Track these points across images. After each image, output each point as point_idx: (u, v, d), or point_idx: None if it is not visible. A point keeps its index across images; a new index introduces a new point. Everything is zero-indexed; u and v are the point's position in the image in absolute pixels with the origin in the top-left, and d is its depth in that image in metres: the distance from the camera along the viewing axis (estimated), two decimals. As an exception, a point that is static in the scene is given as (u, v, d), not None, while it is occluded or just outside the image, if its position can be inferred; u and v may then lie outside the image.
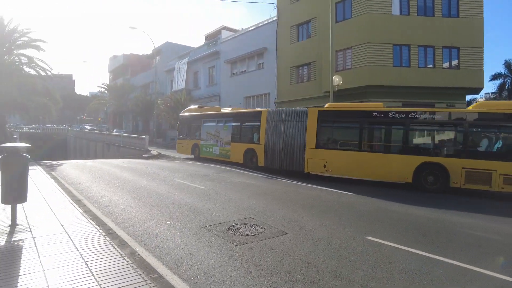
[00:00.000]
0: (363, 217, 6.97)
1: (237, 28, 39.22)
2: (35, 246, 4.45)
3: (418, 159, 10.77)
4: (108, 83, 54.35)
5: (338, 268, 4.29)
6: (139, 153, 21.96)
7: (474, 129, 10.55)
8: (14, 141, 18.74)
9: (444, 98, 18.27)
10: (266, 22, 26.16)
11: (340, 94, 18.13)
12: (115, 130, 41.28)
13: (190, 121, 19.51)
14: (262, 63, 26.18)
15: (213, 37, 36.47)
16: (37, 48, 20.76)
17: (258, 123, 14.84)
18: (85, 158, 27.93)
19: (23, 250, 4.30)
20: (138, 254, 4.34)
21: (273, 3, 25.12)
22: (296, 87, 22.78)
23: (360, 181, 11.95)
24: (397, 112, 11.35)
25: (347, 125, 12.81)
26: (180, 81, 36.23)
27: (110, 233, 5.14)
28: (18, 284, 3.39)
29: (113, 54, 70.18)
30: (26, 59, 20.82)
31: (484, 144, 10.41)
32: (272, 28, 24.98)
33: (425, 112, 11.09)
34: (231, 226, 5.91)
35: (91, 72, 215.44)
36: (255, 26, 27.41)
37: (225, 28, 37.12)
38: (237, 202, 7.98)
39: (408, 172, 10.87)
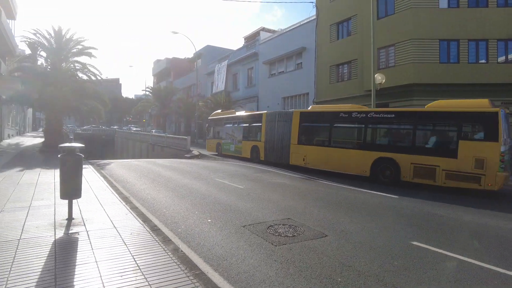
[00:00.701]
0: (407, 221, 6.67)
1: (275, 29, 39.27)
2: (89, 239, 4.78)
3: (375, 155, 11.87)
4: (152, 86, 56.79)
5: (380, 272, 4.15)
6: (181, 153, 22.73)
7: (422, 127, 11.35)
8: (70, 142, 20.22)
9: (499, 96, 16.91)
10: (305, 21, 25.90)
11: (383, 93, 17.49)
12: (154, 130, 43.09)
13: (215, 124, 22.56)
14: (301, 63, 25.95)
15: (251, 39, 36.81)
16: (89, 55, 22.22)
17: (260, 124, 17.41)
18: (131, 158, 29.45)
19: (78, 242, 4.64)
20: (181, 251, 4.51)
21: (312, 2, 24.84)
22: (336, 86, 22.31)
23: (402, 184, 11.42)
24: (358, 112, 12.72)
25: (321, 124, 14.39)
26: (220, 83, 36.99)
27: (154, 229, 5.39)
28: (76, 272, 3.67)
29: (157, 58, 73.43)
30: (79, 65, 22.35)
31: (430, 141, 11.02)
32: (311, 28, 24.69)
33: (381, 112, 12.32)
34: (270, 226, 5.94)
35: (136, 75, 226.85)
36: (294, 26, 27.25)
37: (263, 29, 37.31)
38: (275, 202, 7.99)
39: (366, 166, 12.03)
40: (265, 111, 18.18)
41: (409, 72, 17.24)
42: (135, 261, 4.04)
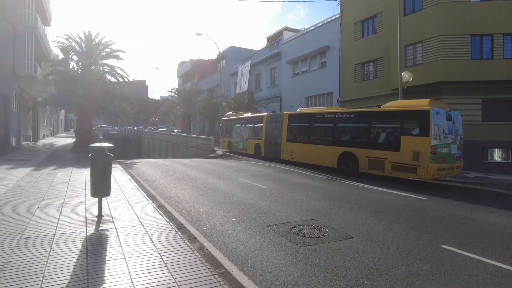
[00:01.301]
0: (437, 224, 6.44)
1: (299, 28, 39.00)
2: (117, 235, 4.94)
3: (340, 149, 13.82)
4: (177, 87, 57.86)
5: (409, 276, 4.03)
6: (206, 152, 23.02)
7: (374, 125, 12.98)
8: (100, 142, 20.95)
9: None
10: (329, 20, 25.54)
11: (411, 91, 16.95)
12: (176, 130, 44.08)
13: (227, 124, 24.96)
14: (325, 61, 25.63)
15: (275, 39, 36.76)
16: (117, 57, 22.96)
17: (262, 124, 19.71)
18: (157, 157, 30.14)
19: (108, 238, 4.81)
20: (206, 249, 4.56)
21: (336, 0, 24.46)
22: (362, 85, 21.86)
23: (432, 185, 11.04)
24: (329, 113, 14.83)
25: (303, 124, 16.50)
26: (243, 84, 37.17)
27: (180, 227, 5.49)
28: (106, 268, 3.81)
29: (182, 60, 74.76)
30: (108, 68, 23.15)
31: (381, 137, 12.69)
32: (335, 26, 24.33)
33: (344, 112, 14.44)
34: (294, 227, 5.91)
35: (162, 77, 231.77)
36: (317, 25, 26.94)
37: (286, 29, 37.13)
38: (299, 203, 7.94)
39: (334, 159, 14.01)
40: (266, 113, 20.80)
41: (438, 70, 16.61)
42: (162, 258, 4.13)
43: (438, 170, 10.69)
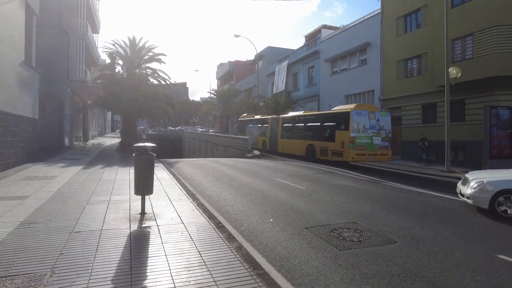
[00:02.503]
0: (492, 231, 5.95)
1: (337, 25, 38.13)
2: (159, 233, 5.10)
3: (307, 142, 18.71)
4: (216, 88, 59.00)
5: (460, 287, 3.75)
6: (243, 152, 23.22)
7: (324, 123, 17.72)
8: (143, 142, 21.85)
9: None
10: (369, 16, 24.67)
11: (459, 88, 15.91)
12: (211, 130, 45.06)
13: (242, 124, 30.45)
14: (365, 59, 24.79)
15: (312, 37, 36.20)
16: (159, 61, 23.94)
17: (267, 125, 24.46)
18: (197, 157, 30.93)
19: (150, 235, 4.98)
20: (245, 249, 4.56)
21: (377, -5, 23.54)
22: (405, 82, 20.87)
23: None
24: (302, 115, 20.59)
25: (289, 124, 21.46)
26: (280, 84, 37.01)
27: (219, 226, 5.55)
28: (148, 264, 3.94)
29: (220, 62, 76.11)
30: (150, 71, 24.23)
31: (327, 132, 17.20)
32: (375, 22, 23.45)
33: (310, 114, 19.92)
34: (334, 230, 5.75)
35: (202, 79, 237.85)
36: (357, 22, 26.13)
37: (325, 27, 36.44)
38: (339, 205, 7.73)
39: (304, 150, 18.88)
40: (270, 116, 24.93)
41: (491, 64, 15.37)
42: (201, 256, 4.20)
43: (356, 154, 15.24)
